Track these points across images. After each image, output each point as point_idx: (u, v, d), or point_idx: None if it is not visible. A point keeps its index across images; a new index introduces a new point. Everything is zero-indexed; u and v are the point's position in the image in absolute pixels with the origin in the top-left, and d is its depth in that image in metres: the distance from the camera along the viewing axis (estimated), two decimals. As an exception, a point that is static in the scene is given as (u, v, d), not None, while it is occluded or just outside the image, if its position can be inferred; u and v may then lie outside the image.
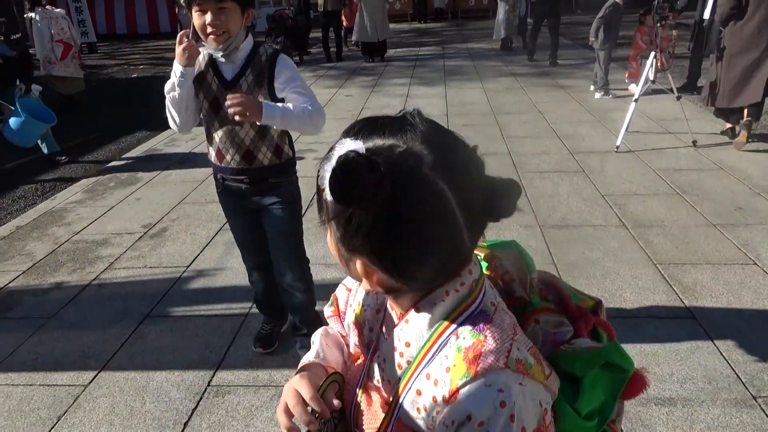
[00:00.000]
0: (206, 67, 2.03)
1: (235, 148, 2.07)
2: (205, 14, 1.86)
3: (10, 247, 3.86)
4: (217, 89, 2.01)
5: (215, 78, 2.02)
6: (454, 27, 17.38)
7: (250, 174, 2.12)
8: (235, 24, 1.90)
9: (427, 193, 0.63)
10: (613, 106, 6.62)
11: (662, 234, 3.51)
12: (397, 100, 7.54)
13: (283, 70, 2.01)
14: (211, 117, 2.07)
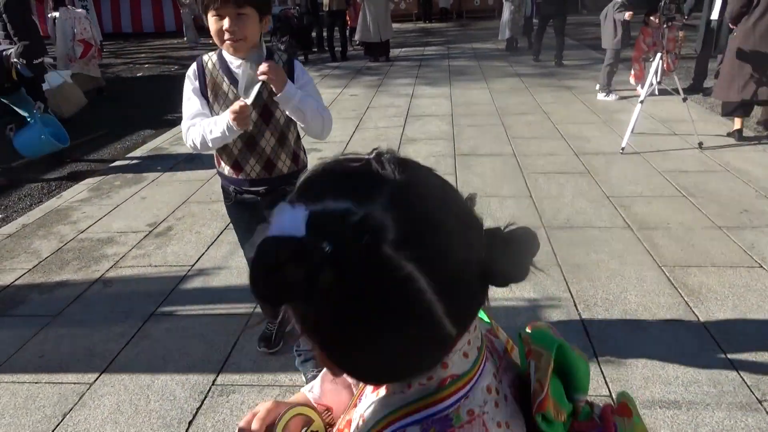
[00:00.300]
0: (220, 76, 1.97)
1: (256, 158, 2.03)
2: (223, 19, 1.80)
3: (16, 245, 3.88)
4: (236, 97, 1.93)
5: (232, 87, 1.95)
6: (459, 27, 17.37)
7: (269, 183, 2.08)
8: (253, 30, 1.85)
9: (387, 281, 0.47)
10: (618, 107, 6.60)
11: (667, 236, 3.50)
12: (402, 100, 7.54)
13: (298, 76, 2.00)
14: None
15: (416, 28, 17.73)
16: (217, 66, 1.96)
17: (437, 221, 0.51)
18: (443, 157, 5.16)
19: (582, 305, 2.81)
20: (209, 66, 1.97)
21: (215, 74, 1.96)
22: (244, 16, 1.80)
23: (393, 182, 0.50)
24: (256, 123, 1.98)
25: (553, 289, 2.97)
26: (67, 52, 8.10)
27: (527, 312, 2.77)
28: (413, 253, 0.48)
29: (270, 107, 2.00)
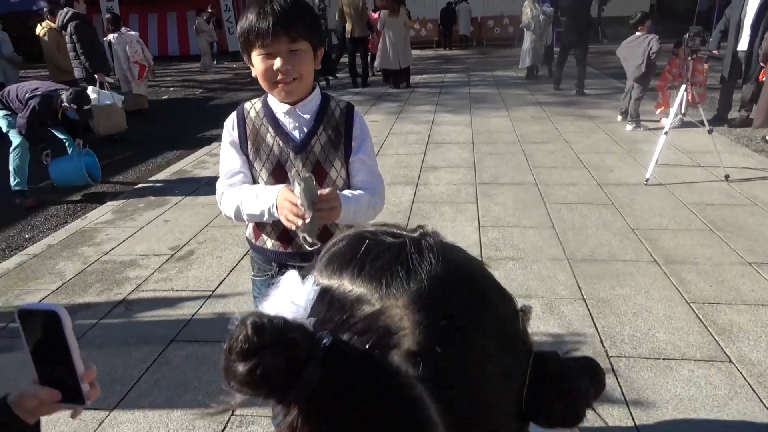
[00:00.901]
0: (264, 125, 1.62)
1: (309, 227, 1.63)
2: (273, 58, 1.48)
3: (41, 265, 3.92)
4: (282, 152, 1.61)
5: (278, 138, 1.61)
6: (479, 54, 17.51)
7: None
8: (308, 68, 1.54)
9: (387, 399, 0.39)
10: (641, 138, 6.55)
11: (695, 271, 3.43)
12: (423, 127, 7.57)
13: (359, 128, 1.67)
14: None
15: (436, 54, 17.91)
16: (260, 114, 1.64)
17: (469, 337, 0.41)
18: (464, 185, 5.14)
19: (608, 342, 2.74)
20: (251, 114, 1.65)
21: (258, 124, 1.63)
22: (298, 52, 1.49)
23: (426, 276, 0.41)
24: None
25: (577, 324, 2.91)
26: (124, 73, 8.76)
27: (551, 348, 2.70)
28: (428, 372, 0.38)
29: (324, 166, 1.62)
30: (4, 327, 3.15)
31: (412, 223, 4.24)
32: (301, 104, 1.59)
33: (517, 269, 3.50)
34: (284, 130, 1.61)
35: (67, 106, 4.94)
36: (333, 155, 1.62)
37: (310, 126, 1.61)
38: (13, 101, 4.98)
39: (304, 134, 1.61)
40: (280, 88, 1.53)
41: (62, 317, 0.78)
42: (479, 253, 3.74)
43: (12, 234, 4.66)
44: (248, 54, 1.53)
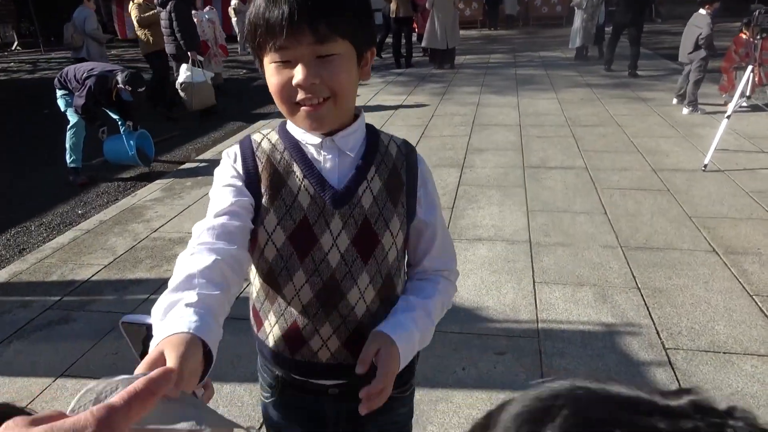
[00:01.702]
0: (286, 159, 1.03)
1: (335, 324, 1.05)
2: (292, 67, 0.92)
3: (94, 241, 4.03)
4: (312, 204, 1.00)
5: (308, 182, 1.01)
6: (525, 34, 17.05)
7: (351, 376, 0.97)
8: (348, 82, 0.96)
9: None
10: (699, 122, 6.26)
11: (758, 262, 3.25)
12: (468, 109, 7.42)
13: (428, 180, 1.11)
14: (291, 258, 1.02)
15: (481, 35, 17.54)
16: (279, 146, 1.04)
17: None
18: (512, 168, 5.02)
19: (665, 333, 2.63)
20: (264, 146, 1.04)
21: (276, 158, 1.02)
22: (332, 57, 0.92)
23: None
24: (345, 257, 1.02)
25: (632, 314, 2.80)
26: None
27: (605, 338, 2.62)
28: None
29: (375, 227, 1.03)
30: (60, 299, 3.25)
31: (458, 206, 4.18)
32: (341, 135, 1.01)
33: (568, 256, 3.40)
34: (318, 171, 1.01)
35: (122, 88, 5.04)
36: (390, 212, 1.03)
37: (358, 165, 1.03)
38: (71, 81, 5.13)
39: (349, 179, 1.02)
40: (303, 113, 0.95)
41: None
42: (527, 239, 3.64)
43: (66, 210, 4.81)
44: (260, 60, 0.97)
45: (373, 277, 1.04)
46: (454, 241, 3.67)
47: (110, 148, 5.54)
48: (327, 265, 1.01)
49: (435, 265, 1.12)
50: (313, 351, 1.05)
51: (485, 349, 2.59)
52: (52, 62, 16.65)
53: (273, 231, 1.00)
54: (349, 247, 1.01)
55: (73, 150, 5.29)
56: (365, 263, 1.02)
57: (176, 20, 7.22)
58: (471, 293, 3.06)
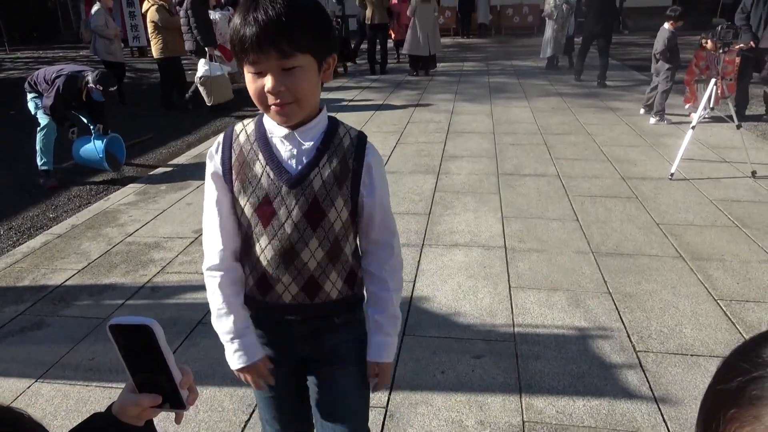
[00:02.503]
0: (253, 150, 1.29)
1: (293, 275, 1.31)
2: (261, 77, 1.16)
3: (66, 245, 3.96)
4: (271, 185, 1.26)
5: (268, 168, 1.26)
6: (497, 43, 17.32)
7: (308, 312, 1.35)
8: (309, 88, 1.20)
9: None
10: (665, 131, 6.47)
11: (722, 268, 3.39)
12: (443, 116, 7.52)
13: (372, 164, 1.32)
14: (256, 227, 1.30)
15: (454, 42, 17.75)
16: (251, 138, 1.30)
17: None
18: (486, 175, 5.11)
19: (635, 337, 2.73)
20: (240, 138, 1.31)
21: (246, 149, 1.29)
22: (294, 70, 1.15)
23: None
24: (298, 226, 1.27)
25: (604, 318, 2.89)
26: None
27: (578, 341, 2.71)
28: None
29: (322, 204, 1.28)
30: (32, 305, 3.19)
31: (434, 212, 4.24)
32: (302, 129, 1.26)
33: (542, 261, 3.48)
34: (277, 159, 1.27)
35: (92, 87, 4.97)
36: (336, 193, 1.27)
37: (311, 156, 1.27)
38: (41, 83, 5.04)
39: (303, 165, 1.26)
40: (273, 112, 1.21)
41: (155, 330, 0.78)
42: (503, 245, 3.72)
43: (36, 213, 4.71)
44: (240, 64, 1.19)
45: (321, 242, 1.30)
46: (432, 247, 3.73)
47: (79, 150, 5.42)
48: (284, 232, 1.28)
49: (378, 237, 1.38)
50: (278, 294, 1.34)
51: (463, 353, 2.64)
52: (17, 62, 16.23)
53: (244, 205, 1.30)
54: (301, 219, 1.27)
55: (43, 152, 5.18)
56: (314, 231, 1.29)
57: (193, 17, 7.51)
58: (448, 298, 3.11)
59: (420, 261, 3.54)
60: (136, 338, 0.81)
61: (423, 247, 3.73)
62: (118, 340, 0.82)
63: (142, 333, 0.80)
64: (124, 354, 0.82)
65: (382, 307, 1.39)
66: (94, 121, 5.44)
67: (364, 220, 1.36)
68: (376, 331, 1.41)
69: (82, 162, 5.52)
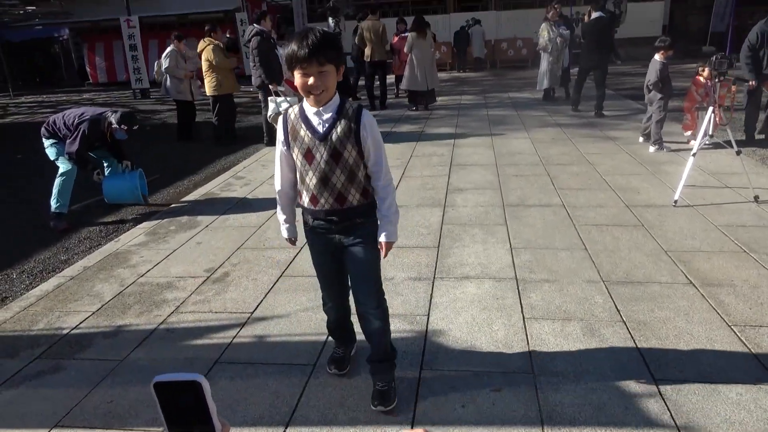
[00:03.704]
0: (298, 121, 2.25)
1: (329, 191, 2.26)
2: (308, 77, 2.07)
3: (79, 287, 3.98)
4: (310, 141, 2.21)
5: (308, 132, 2.22)
6: (493, 76, 17.64)
7: (340, 214, 2.31)
8: (333, 83, 2.15)
9: None
10: (665, 159, 6.56)
11: (733, 294, 3.41)
12: (445, 149, 7.63)
13: (366, 123, 2.23)
14: (305, 167, 2.26)
15: (451, 77, 18.07)
16: (298, 115, 2.25)
17: None
18: (492, 207, 5.17)
19: (653, 365, 2.73)
20: (291, 116, 2.28)
21: (295, 122, 2.26)
22: (325, 72, 2.08)
23: None
24: (327, 162, 2.21)
25: (620, 347, 2.90)
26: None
27: (596, 371, 2.71)
28: None
29: (338, 148, 2.20)
30: (48, 348, 3.20)
31: (443, 245, 4.28)
32: (324, 107, 2.18)
33: (554, 291, 3.50)
34: (311, 124, 2.21)
35: (116, 128, 5.18)
36: (346, 141, 2.19)
37: (330, 122, 2.19)
38: (61, 129, 5.21)
39: (326, 128, 2.19)
40: (312, 98, 2.14)
41: (204, 386, 0.79)
42: (513, 276, 3.75)
43: (48, 256, 4.74)
44: (291, 71, 2.11)
45: (342, 170, 2.24)
46: (443, 280, 3.77)
47: (111, 187, 5.60)
48: (320, 167, 2.23)
49: (375, 170, 2.30)
50: (322, 204, 2.30)
51: (482, 386, 2.64)
52: (22, 107, 16.47)
53: (296, 155, 2.27)
54: (329, 158, 2.21)
55: (60, 195, 5.28)
56: (337, 164, 2.22)
57: (257, 55, 7.91)
58: (463, 331, 3.12)
59: (432, 294, 3.56)
60: (181, 394, 0.82)
61: (434, 280, 3.75)
62: (161, 397, 0.83)
63: (188, 388, 0.81)
64: (166, 411, 0.83)
65: (382, 206, 2.35)
66: (119, 159, 5.67)
67: (366, 154, 2.26)
68: (383, 221, 2.35)
69: (115, 200, 5.72)
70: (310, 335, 3.16)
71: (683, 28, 21.06)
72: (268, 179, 6.62)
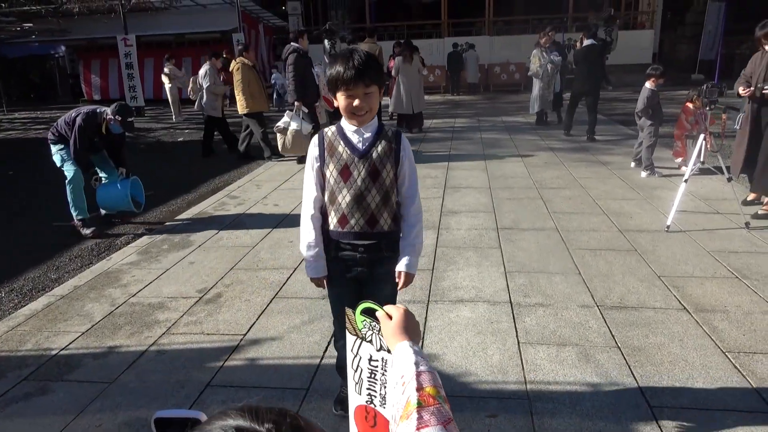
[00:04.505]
0: (338, 140, 2.19)
1: (361, 212, 2.18)
2: (353, 98, 2.04)
3: (69, 307, 3.93)
4: (348, 157, 2.16)
5: (347, 148, 2.17)
6: (486, 100, 17.83)
7: (368, 238, 2.23)
8: (376, 104, 2.13)
9: None
10: (657, 184, 6.62)
11: (726, 320, 3.42)
12: (439, 171, 7.67)
13: (405, 146, 2.23)
14: (339, 184, 2.18)
15: (445, 100, 18.25)
16: (335, 133, 2.21)
17: None
18: (486, 230, 5.18)
19: (649, 392, 2.72)
20: (329, 134, 2.22)
21: (333, 139, 2.20)
22: (370, 93, 2.05)
23: None
24: (365, 180, 2.15)
25: (615, 373, 2.89)
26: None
27: (592, 397, 2.69)
28: None
29: (377, 167, 2.16)
30: (36, 369, 3.14)
31: (437, 268, 4.27)
32: (365, 126, 2.16)
33: (549, 316, 3.50)
34: (350, 141, 2.17)
35: (111, 119, 5.25)
36: (386, 160, 2.17)
37: (370, 140, 2.17)
38: (63, 128, 5.36)
39: (366, 145, 2.17)
40: (356, 120, 2.11)
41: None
42: (508, 300, 3.74)
43: (38, 274, 4.68)
44: (334, 92, 2.09)
45: (378, 190, 2.18)
46: (437, 303, 3.75)
47: (104, 195, 5.69)
48: (356, 184, 2.16)
49: (408, 194, 2.26)
50: (351, 226, 2.20)
51: (477, 411, 2.62)
52: (15, 122, 16.44)
53: (332, 170, 2.19)
54: (366, 176, 2.16)
55: (75, 203, 5.47)
56: (374, 183, 2.17)
57: (292, 71, 8.04)
58: (458, 355, 3.10)
59: (427, 318, 3.54)
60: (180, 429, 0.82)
61: (429, 303, 3.74)
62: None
63: (186, 424, 0.80)
64: None
65: (410, 233, 2.26)
66: (111, 158, 5.73)
67: (401, 177, 2.23)
68: (407, 249, 2.26)
69: (107, 207, 5.78)
70: (304, 358, 3.13)
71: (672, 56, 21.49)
72: (262, 199, 6.61)
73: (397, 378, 1.02)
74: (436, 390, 0.95)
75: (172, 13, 20.53)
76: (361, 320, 1.30)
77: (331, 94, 2.15)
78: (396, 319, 1.19)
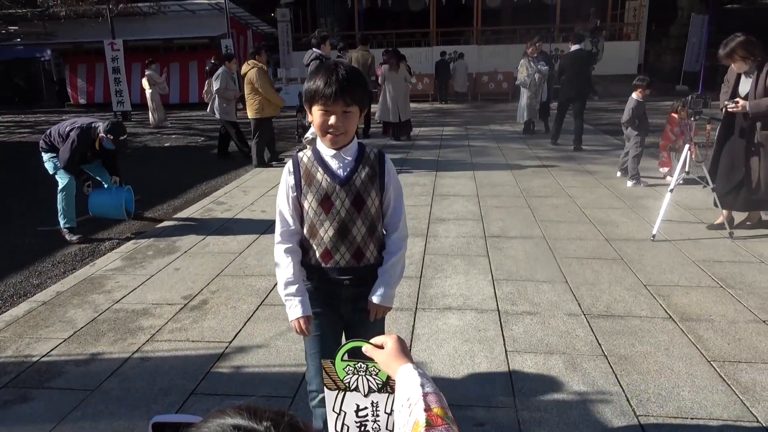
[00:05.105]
0: (315, 166, 1.97)
1: (346, 246, 1.97)
2: (329, 116, 1.84)
3: (51, 313, 3.86)
4: (329, 186, 1.94)
5: (326, 176, 1.94)
6: (474, 108, 17.93)
7: (355, 273, 2.01)
8: (354, 125, 1.91)
9: None
10: (643, 193, 6.68)
11: (711, 329, 3.44)
12: (427, 179, 7.68)
13: (389, 170, 2.02)
14: (320, 216, 1.96)
15: (433, 108, 18.33)
16: (312, 159, 1.97)
17: None
18: (473, 238, 5.19)
19: (635, 401, 2.73)
20: (305, 160, 1.99)
21: (310, 166, 1.96)
22: (349, 113, 1.85)
23: None
24: (348, 211, 1.94)
25: (602, 382, 2.89)
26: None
27: (578, 406, 2.69)
28: None
29: (362, 195, 1.95)
30: (16, 377, 3.08)
31: (425, 276, 4.26)
32: (344, 150, 1.95)
33: (536, 324, 3.50)
34: (330, 168, 1.96)
35: (103, 137, 5.22)
36: (370, 187, 1.97)
37: (351, 166, 1.96)
38: (56, 139, 5.31)
39: (347, 171, 1.96)
40: (329, 138, 1.89)
41: None
42: (495, 308, 3.74)
43: (19, 280, 4.60)
44: (310, 106, 1.89)
45: (363, 221, 1.97)
46: (425, 311, 3.73)
47: (96, 201, 5.66)
48: (339, 216, 1.95)
49: (392, 221, 2.05)
50: (336, 261, 2.00)
51: (464, 420, 2.60)
52: (-2, 126, 16.22)
53: (311, 201, 1.96)
54: (350, 206, 1.95)
55: (65, 212, 5.41)
56: (359, 213, 1.96)
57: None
58: (445, 363, 3.09)
59: (414, 325, 3.53)
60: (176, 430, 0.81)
61: (416, 311, 3.73)
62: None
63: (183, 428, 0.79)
64: None
65: (387, 261, 2.05)
66: (105, 167, 5.72)
67: (385, 204, 2.03)
68: (382, 278, 2.04)
69: (98, 213, 5.74)
70: (290, 366, 3.10)
71: (657, 67, 21.77)
72: (249, 205, 6.58)
73: (403, 400, 1.02)
74: (444, 411, 0.96)
75: (160, 18, 20.47)
76: (342, 367, 1.22)
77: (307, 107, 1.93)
78: (392, 345, 1.17)
